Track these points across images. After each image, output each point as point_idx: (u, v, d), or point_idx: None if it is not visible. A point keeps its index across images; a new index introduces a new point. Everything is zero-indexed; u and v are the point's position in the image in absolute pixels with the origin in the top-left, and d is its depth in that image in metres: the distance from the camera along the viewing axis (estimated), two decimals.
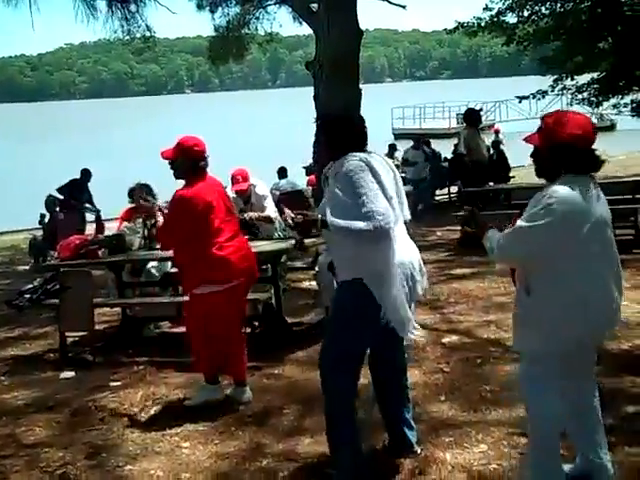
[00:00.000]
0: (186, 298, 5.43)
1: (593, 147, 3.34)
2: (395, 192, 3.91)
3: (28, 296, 8.43)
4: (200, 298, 5.11)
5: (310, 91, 12.54)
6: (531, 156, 3.44)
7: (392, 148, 17.32)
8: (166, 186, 5.45)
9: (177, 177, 5.22)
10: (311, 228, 4.00)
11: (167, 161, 5.18)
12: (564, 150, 3.27)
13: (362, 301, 3.74)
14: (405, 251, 3.86)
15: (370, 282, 3.72)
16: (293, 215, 4.03)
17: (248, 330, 6.99)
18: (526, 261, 3.36)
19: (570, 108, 23.55)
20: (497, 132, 19.11)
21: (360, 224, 3.61)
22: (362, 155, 3.82)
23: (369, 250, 3.68)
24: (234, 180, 7.70)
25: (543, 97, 18.30)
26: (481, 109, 14.13)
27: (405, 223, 3.97)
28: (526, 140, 3.43)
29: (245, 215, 7.36)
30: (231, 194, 7.68)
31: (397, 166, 11.27)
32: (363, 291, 3.72)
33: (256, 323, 6.88)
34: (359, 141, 3.97)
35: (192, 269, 5.14)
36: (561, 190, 3.22)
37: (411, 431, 4.20)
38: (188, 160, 5.10)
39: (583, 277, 3.27)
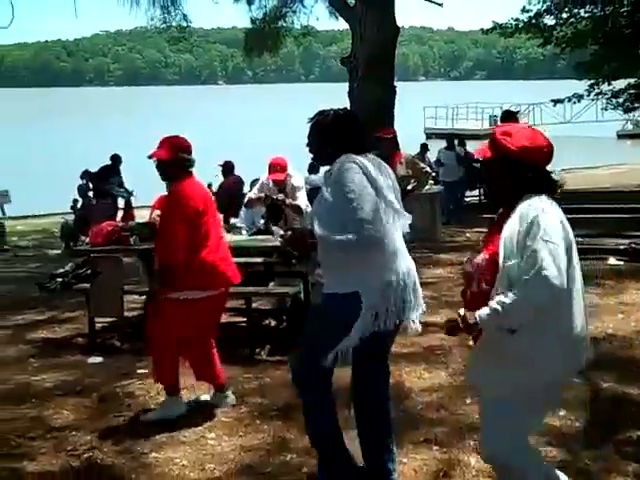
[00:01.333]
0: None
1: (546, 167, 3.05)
2: (393, 199, 3.66)
3: (60, 280, 8.56)
4: (182, 303, 4.79)
5: (344, 87, 12.54)
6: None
7: (424, 147, 17.27)
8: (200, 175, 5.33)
9: (168, 178, 4.98)
10: None
11: (158, 161, 4.89)
12: (509, 164, 2.99)
13: (353, 316, 3.52)
14: (397, 266, 3.60)
15: (365, 294, 3.51)
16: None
17: (274, 323, 7.06)
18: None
19: (604, 113, 23.34)
20: None
21: (342, 236, 3.42)
22: (359, 158, 3.58)
23: (360, 261, 3.49)
24: (272, 168, 7.60)
25: (579, 101, 18.18)
26: (518, 111, 14.01)
27: (404, 235, 3.73)
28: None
29: (278, 196, 7.29)
30: (268, 182, 7.66)
31: (430, 166, 11.30)
32: (356, 305, 3.52)
33: (284, 317, 6.91)
34: (358, 142, 3.72)
35: (179, 272, 4.77)
36: (546, 206, 2.92)
37: (392, 463, 3.85)
38: (185, 159, 4.90)
39: (574, 306, 2.97)
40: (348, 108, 3.89)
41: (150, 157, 4.90)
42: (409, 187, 8.42)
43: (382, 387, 3.90)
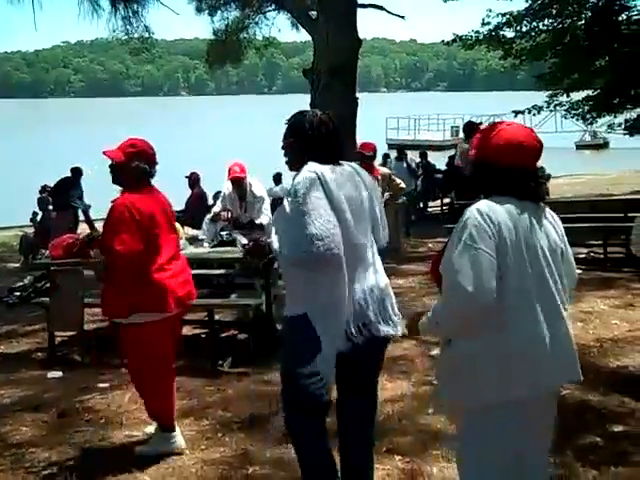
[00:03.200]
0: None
1: (532, 169, 2.86)
2: (362, 213, 3.44)
3: (18, 293, 8.40)
4: (134, 329, 4.39)
5: (307, 98, 12.54)
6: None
7: (386, 157, 17.37)
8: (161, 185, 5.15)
9: (119, 182, 4.51)
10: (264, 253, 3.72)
11: (111, 162, 4.46)
12: (482, 166, 2.87)
13: (306, 338, 3.31)
14: (356, 283, 3.37)
15: (313, 316, 3.31)
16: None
17: (237, 335, 7.02)
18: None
19: (564, 123, 23.70)
20: None
21: (294, 252, 3.26)
22: (319, 168, 3.34)
23: (312, 279, 3.30)
24: (231, 171, 7.59)
25: (538, 112, 18.40)
26: (481, 123, 14.15)
27: (380, 251, 3.53)
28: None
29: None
30: (227, 188, 7.64)
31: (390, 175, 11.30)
32: (306, 328, 3.31)
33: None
34: (328, 150, 3.46)
35: (123, 291, 4.34)
36: (491, 207, 2.74)
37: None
38: (142, 166, 4.44)
39: (521, 317, 2.74)
40: (326, 112, 3.58)
41: (104, 153, 4.47)
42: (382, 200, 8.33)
43: (365, 421, 3.62)
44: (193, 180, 13.73)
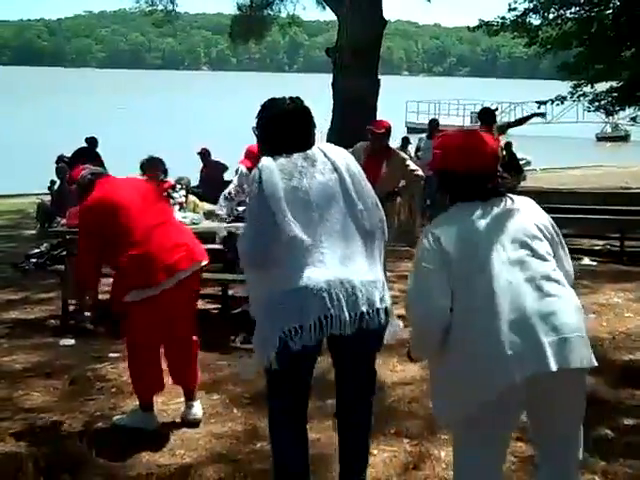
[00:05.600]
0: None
1: (491, 171, 2.88)
2: (324, 200, 3.25)
3: (34, 260, 8.45)
4: (133, 307, 4.39)
5: (328, 78, 12.51)
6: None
7: (405, 141, 17.22)
8: (178, 159, 5.25)
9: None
10: None
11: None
12: (442, 176, 2.94)
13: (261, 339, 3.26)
14: (306, 279, 3.15)
15: (256, 313, 3.33)
16: None
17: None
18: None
19: (585, 114, 23.52)
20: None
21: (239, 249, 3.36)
22: (266, 162, 3.28)
23: (253, 279, 3.41)
24: (245, 154, 7.64)
25: (562, 103, 18.24)
26: (496, 109, 14.00)
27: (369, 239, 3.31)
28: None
29: None
30: (246, 172, 7.64)
31: (410, 157, 11.15)
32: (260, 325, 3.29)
33: None
34: (285, 141, 3.34)
35: (116, 276, 4.52)
36: (435, 222, 2.90)
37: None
38: (83, 181, 4.76)
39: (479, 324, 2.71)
40: (297, 97, 3.47)
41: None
42: (396, 189, 7.19)
43: (361, 430, 3.53)
44: (203, 155, 13.79)
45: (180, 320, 4.55)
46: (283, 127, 3.36)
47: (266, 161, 3.29)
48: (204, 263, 4.60)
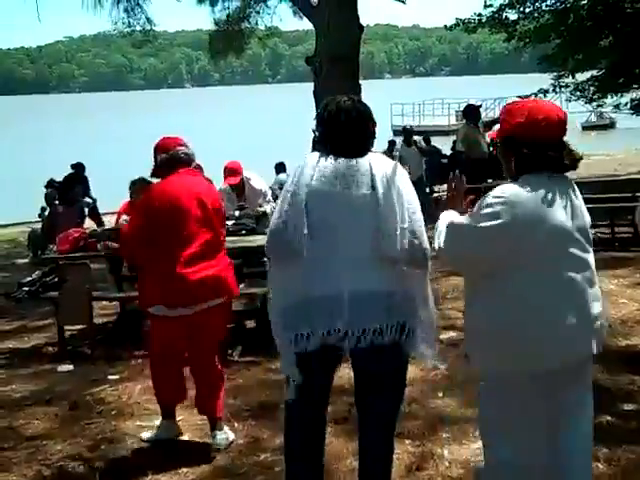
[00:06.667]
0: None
1: (556, 141, 2.91)
2: (349, 213, 3.18)
3: (27, 289, 8.40)
4: (153, 320, 4.49)
5: (311, 86, 12.53)
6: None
7: (392, 144, 17.31)
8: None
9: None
10: None
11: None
12: (508, 143, 2.95)
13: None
14: (322, 282, 3.15)
15: (272, 314, 3.36)
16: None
17: (246, 324, 7.04)
18: (471, 267, 2.98)
19: (569, 105, 23.67)
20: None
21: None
22: (313, 160, 3.24)
23: (273, 275, 3.39)
24: (226, 173, 7.66)
25: (544, 95, 18.28)
26: (480, 105, 14.06)
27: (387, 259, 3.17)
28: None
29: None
30: (226, 188, 7.67)
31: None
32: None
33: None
34: (337, 140, 3.28)
35: (148, 281, 4.44)
36: (508, 190, 2.84)
37: None
38: (163, 159, 4.54)
39: (534, 291, 2.81)
40: (355, 99, 3.42)
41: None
42: None
43: (377, 459, 3.38)
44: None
45: (202, 349, 4.52)
46: (339, 125, 3.30)
47: (310, 159, 3.25)
48: (220, 300, 4.47)
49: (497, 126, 3.30)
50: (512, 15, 17.37)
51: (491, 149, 14.86)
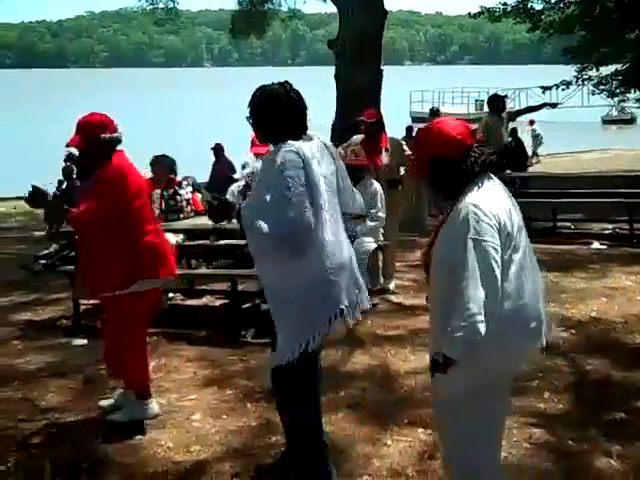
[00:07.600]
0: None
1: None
2: (334, 185, 3.45)
3: (44, 261, 8.48)
4: (132, 298, 4.37)
5: (330, 70, 12.47)
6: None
7: (410, 131, 17.21)
8: (184, 158, 5.25)
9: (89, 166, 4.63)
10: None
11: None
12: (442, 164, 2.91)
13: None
14: (321, 261, 3.34)
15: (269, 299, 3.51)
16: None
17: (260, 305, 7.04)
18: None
19: (590, 98, 23.43)
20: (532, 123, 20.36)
21: (265, 227, 3.20)
22: (297, 146, 3.31)
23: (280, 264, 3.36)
24: (254, 142, 7.57)
25: (567, 87, 18.13)
26: (506, 95, 13.93)
27: (356, 217, 3.64)
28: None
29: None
30: (251, 158, 7.58)
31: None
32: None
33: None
34: (296, 125, 3.40)
35: (120, 263, 4.32)
36: (478, 200, 2.82)
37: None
38: (107, 139, 4.43)
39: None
40: (287, 81, 3.52)
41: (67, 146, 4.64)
42: (397, 177, 7.03)
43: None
44: (218, 151, 13.76)
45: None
46: (297, 109, 3.43)
47: (298, 145, 3.32)
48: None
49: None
50: (537, 5, 17.25)
51: (509, 139, 14.79)
